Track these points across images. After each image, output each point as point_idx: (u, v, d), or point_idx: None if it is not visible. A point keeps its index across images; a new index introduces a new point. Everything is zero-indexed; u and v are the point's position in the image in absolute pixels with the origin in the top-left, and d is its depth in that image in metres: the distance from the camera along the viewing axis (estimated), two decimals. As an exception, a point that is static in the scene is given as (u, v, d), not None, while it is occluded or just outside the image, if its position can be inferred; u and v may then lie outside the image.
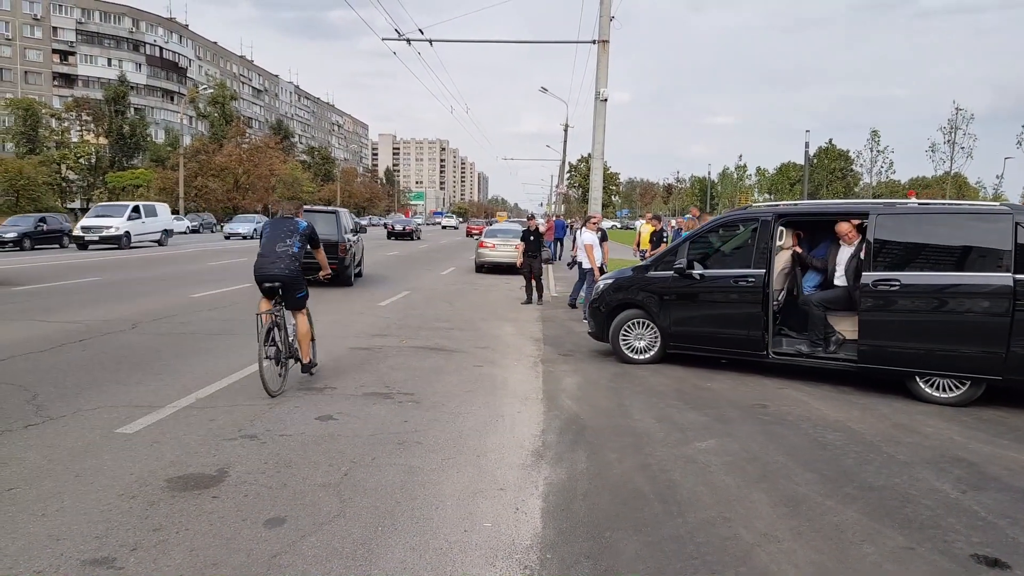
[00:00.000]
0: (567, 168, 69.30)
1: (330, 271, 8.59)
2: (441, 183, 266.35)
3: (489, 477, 4.89)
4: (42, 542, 3.69)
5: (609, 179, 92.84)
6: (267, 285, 7.05)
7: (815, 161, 76.47)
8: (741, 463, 5.27)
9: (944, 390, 7.18)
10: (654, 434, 5.98)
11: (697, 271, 8.50)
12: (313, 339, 7.52)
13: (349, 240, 17.72)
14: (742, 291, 8.18)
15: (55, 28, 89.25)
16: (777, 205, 8.70)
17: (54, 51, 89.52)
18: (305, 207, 15.82)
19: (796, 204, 8.93)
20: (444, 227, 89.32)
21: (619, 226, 72.20)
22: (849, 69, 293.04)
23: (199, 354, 8.58)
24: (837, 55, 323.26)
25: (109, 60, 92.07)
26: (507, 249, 22.46)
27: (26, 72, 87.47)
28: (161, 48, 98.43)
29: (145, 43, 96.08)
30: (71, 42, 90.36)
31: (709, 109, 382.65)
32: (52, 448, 5.11)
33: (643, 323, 8.94)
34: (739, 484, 4.85)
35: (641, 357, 8.91)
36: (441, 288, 17.98)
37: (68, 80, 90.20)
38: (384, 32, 20.60)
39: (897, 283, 7.29)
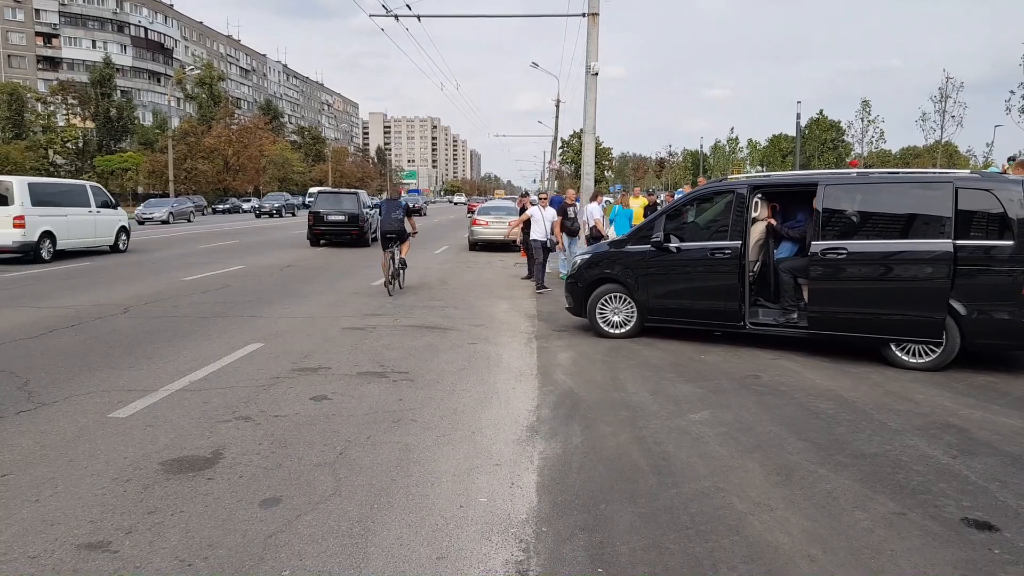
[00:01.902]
0: (559, 144, 68.95)
1: (416, 230, 13.77)
2: (433, 161, 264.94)
3: (484, 453, 4.90)
4: (36, 527, 3.69)
5: (602, 154, 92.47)
6: (388, 236, 12.78)
7: (807, 132, 76.20)
8: (735, 433, 5.30)
9: (917, 355, 7.31)
10: (648, 407, 6.00)
11: (674, 244, 8.54)
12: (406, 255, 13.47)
13: (367, 214, 23.98)
14: (719, 263, 8.21)
15: (37, 10, 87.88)
16: (751, 177, 8.73)
17: (37, 34, 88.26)
18: (333, 189, 27.41)
19: (769, 176, 8.94)
20: (455, 203, 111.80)
21: (612, 201, 71.87)
22: (845, 40, 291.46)
23: (192, 337, 8.56)
24: (834, 26, 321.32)
25: (93, 42, 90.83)
26: (501, 226, 22.33)
27: (9, 56, 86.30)
28: (146, 29, 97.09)
29: (129, 24, 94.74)
30: (54, 24, 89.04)
31: (704, 82, 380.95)
32: (45, 434, 5.10)
33: (620, 297, 8.97)
34: (732, 454, 4.88)
35: (618, 331, 8.95)
36: (435, 267, 17.95)
37: (52, 63, 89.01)
38: (372, 8, 20.37)
39: (844, 251, 7.46)
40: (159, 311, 10.40)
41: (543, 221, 13.89)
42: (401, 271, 13.26)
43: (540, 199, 14.65)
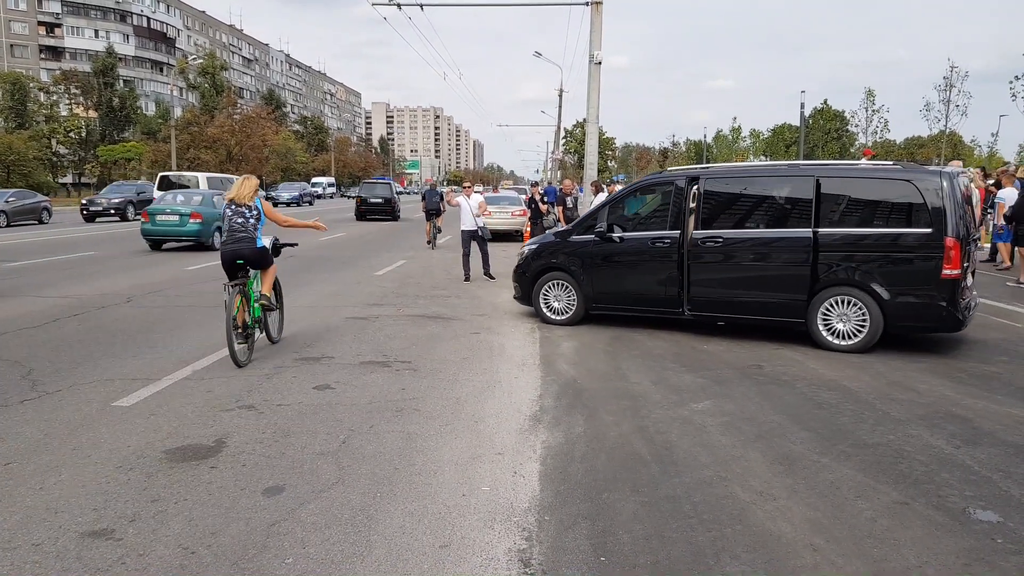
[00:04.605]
0: (563, 134, 68.76)
1: (446, 208, 20.00)
2: (436, 151, 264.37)
3: (487, 442, 4.91)
4: (40, 515, 3.70)
5: (605, 144, 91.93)
6: (430, 211, 20.08)
7: (810, 123, 75.81)
8: (737, 423, 5.30)
9: (843, 338, 7.59)
10: (651, 396, 6.00)
11: (617, 234, 8.75)
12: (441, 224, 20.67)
13: (396, 197, 34.48)
14: (659, 252, 8.45)
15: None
16: (690, 169, 8.98)
17: (40, 23, 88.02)
18: (374, 179, 42.90)
19: (708, 168, 9.13)
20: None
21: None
22: (850, 30, 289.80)
23: (195, 326, 8.57)
24: (838, 16, 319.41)
25: (96, 31, 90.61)
26: (504, 217, 22.30)
27: (12, 45, 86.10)
28: (148, 18, 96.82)
29: (132, 13, 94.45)
30: (57, 14, 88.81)
31: (707, 72, 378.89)
32: (49, 422, 5.12)
33: (562, 285, 9.19)
34: (735, 444, 4.87)
35: (560, 318, 9.18)
36: (438, 257, 17.93)
37: (55, 53, 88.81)
38: (374, -3, 20.47)
39: (720, 239, 8.07)
40: (162, 300, 10.41)
41: (470, 210, 13.72)
42: (437, 235, 20.07)
43: (464, 188, 14.52)
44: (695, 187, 8.37)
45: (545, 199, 19.28)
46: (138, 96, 78.29)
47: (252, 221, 7.15)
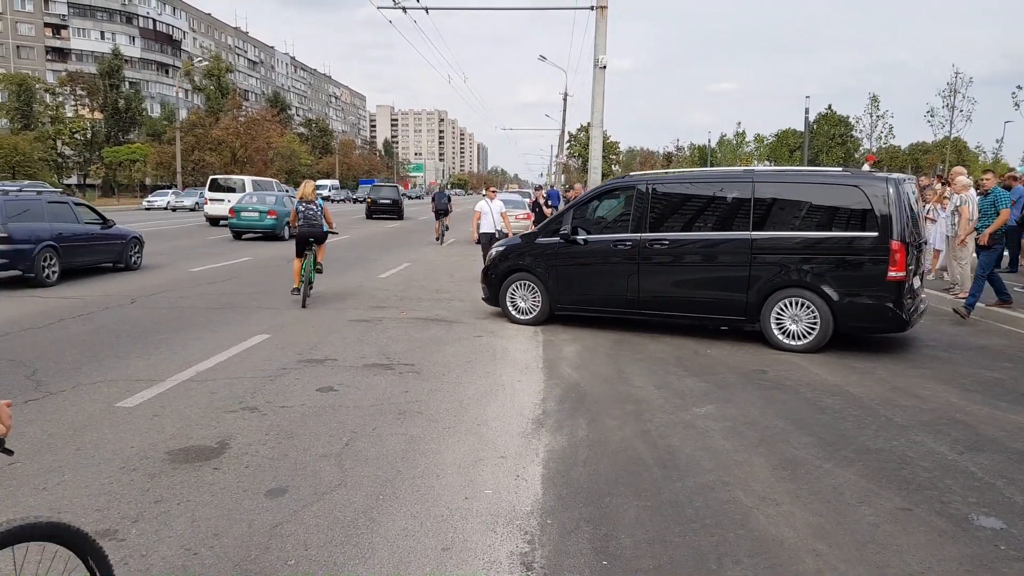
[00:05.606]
0: (567, 137, 68.81)
1: (452, 208, 23.99)
2: (440, 154, 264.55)
3: (490, 445, 4.91)
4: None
5: (609, 148, 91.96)
6: (439, 211, 23.07)
7: (815, 127, 75.70)
8: (740, 428, 5.29)
9: (795, 338, 7.82)
10: (653, 400, 6.00)
11: (581, 236, 8.95)
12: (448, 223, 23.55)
13: (401, 199, 38.16)
14: (621, 254, 8.64)
15: (47, 1, 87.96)
16: (650, 174, 9.31)
17: (46, 25, 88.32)
18: (383, 182, 53.81)
19: (668, 173, 9.36)
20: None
21: None
22: (854, 34, 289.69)
23: (199, 328, 8.59)
24: (842, 20, 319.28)
25: (102, 33, 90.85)
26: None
27: (18, 47, 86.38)
28: (154, 20, 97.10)
29: (138, 15, 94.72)
30: (63, 15, 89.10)
31: (711, 76, 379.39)
32: (52, 422, 5.13)
33: (528, 286, 9.38)
34: (738, 448, 4.87)
35: (526, 317, 9.39)
36: (442, 259, 17.96)
37: (61, 54, 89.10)
38: (379, 0, 21.00)
39: (666, 242, 8.38)
40: (166, 301, 10.44)
41: (492, 214, 14.13)
42: (444, 232, 22.63)
43: (487, 192, 14.96)
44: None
45: (549, 203, 19.29)
46: (143, 98, 78.54)
47: (320, 213, 10.54)
